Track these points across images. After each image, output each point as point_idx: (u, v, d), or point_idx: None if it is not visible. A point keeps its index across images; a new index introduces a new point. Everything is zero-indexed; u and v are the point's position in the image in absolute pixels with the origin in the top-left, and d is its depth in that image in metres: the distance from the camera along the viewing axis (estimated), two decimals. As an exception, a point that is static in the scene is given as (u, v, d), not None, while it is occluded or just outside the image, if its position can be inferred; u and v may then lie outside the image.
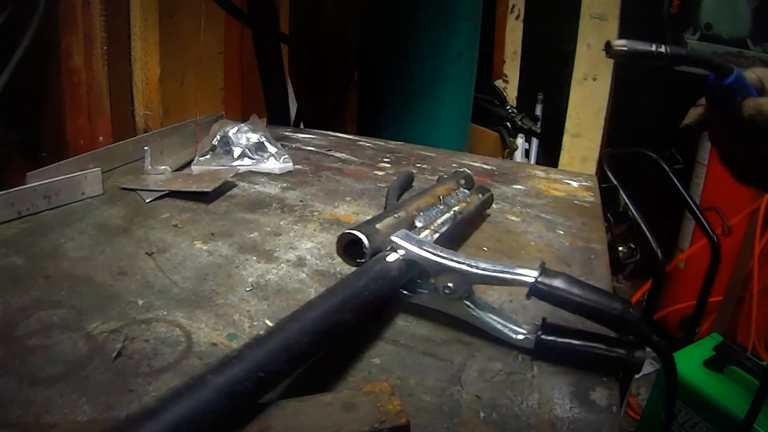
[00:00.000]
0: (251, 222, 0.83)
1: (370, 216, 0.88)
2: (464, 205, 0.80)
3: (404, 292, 0.60)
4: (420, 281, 0.60)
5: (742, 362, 1.26)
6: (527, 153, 2.72)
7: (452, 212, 0.76)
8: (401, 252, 0.58)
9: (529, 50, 2.76)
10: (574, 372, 0.53)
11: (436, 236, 0.68)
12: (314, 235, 0.80)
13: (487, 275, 0.55)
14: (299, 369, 0.45)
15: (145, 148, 0.97)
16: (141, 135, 1.16)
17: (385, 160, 1.18)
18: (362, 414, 0.41)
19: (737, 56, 2.16)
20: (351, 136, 1.36)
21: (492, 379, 0.52)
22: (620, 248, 1.07)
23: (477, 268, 0.55)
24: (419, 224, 0.70)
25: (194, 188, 0.91)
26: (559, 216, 0.92)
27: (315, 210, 0.89)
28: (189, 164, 1.04)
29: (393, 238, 0.59)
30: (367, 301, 0.52)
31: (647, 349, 0.51)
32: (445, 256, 0.57)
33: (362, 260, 0.59)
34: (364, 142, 1.31)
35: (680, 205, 1.33)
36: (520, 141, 2.62)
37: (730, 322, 1.96)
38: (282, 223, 0.84)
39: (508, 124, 2.52)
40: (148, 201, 0.88)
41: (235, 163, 1.05)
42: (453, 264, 0.56)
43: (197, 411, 0.36)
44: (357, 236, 0.59)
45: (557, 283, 0.51)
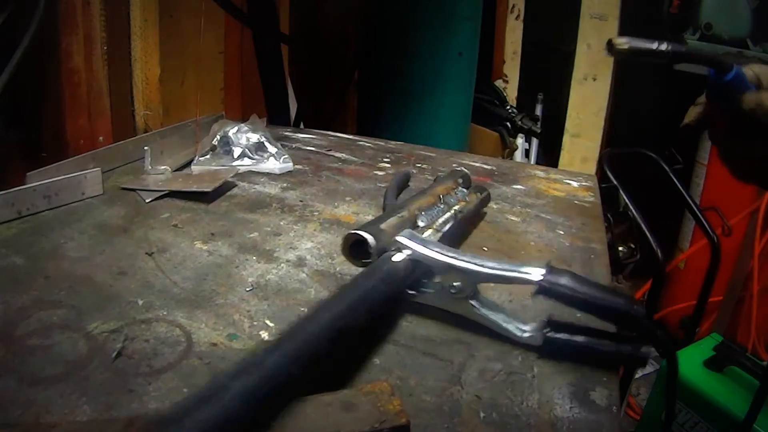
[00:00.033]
0: (251, 222, 0.83)
1: (371, 216, 0.88)
2: (464, 204, 0.80)
3: (409, 291, 0.60)
4: (425, 280, 0.60)
5: (742, 362, 1.26)
6: (527, 153, 2.72)
7: (453, 211, 0.76)
8: (407, 252, 0.58)
9: (529, 50, 2.75)
10: (574, 372, 0.53)
11: (439, 236, 0.68)
12: (314, 235, 0.80)
13: (493, 274, 0.55)
14: (318, 372, 0.44)
15: (145, 148, 0.97)
16: (141, 135, 1.16)
17: (385, 160, 1.18)
18: (362, 414, 0.41)
19: (737, 56, 2.15)
20: (351, 136, 1.36)
21: (492, 379, 0.52)
22: (620, 248, 1.07)
23: (484, 267, 0.55)
24: (421, 224, 0.70)
25: (194, 188, 0.91)
26: (559, 216, 0.92)
27: (315, 210, 0.89)
28: (189, 164, 1.04)
29: (399, 239, 0.58)
30: (378, 302, 0.52)
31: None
32: (452, 255, 0.57)
33: (368, 260, 0.59)
34: (364, 142, 1.31)
35: (680, 205, 1.33)
36: (520, 141, 2.62)
37: (730, 322, 1.96)
38: (282, 223, 0.84)
39: (508, 124, 2.52)
40: (148, 201, 0.88)
41: (235, 163, 1.05)
42: (460, 263, 0.56)
43: (220, 416, 0.34)
44: (363, 236, 0.59)
45: (564, 281, 0.52)
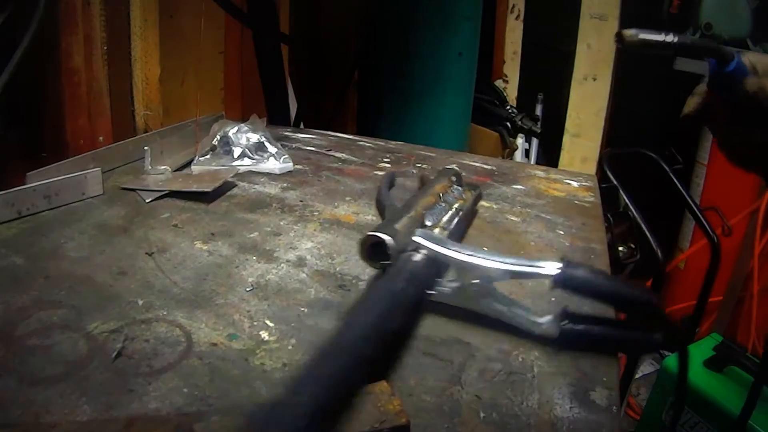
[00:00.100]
0: (251, 222, 0.83)
1: (371, 216, 0.88)
2: (462, 202, 0.80)
3: (427, 291, 0.60)
4: (438, 279, 0.60)
5: (742, 362, 1.26)
6: (527, 153, 2.72)
7: (454, 209, 0.77)
8: (423, 252, 0.58)
9: (529, 50, 2.75)
10: (574, 372, 0.53)
11: (446, 234, 0.69)
12: (314, 235, 0.80)
13: (511, 270, 0.55)
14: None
15: (145, 148, 0.96)
16: (141, 135, 1.16)
17: (385, 160, 1.18)
18: (362, 414, 0.41)
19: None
20: (351, 136, 1.36)
21: (492, 379, 0.52)
22: (620, 248, 1.07)
23: (501, 263, 0.55)
24: (429, 223, 0.70)
25: (194, 188, 0.91)
26: (559, 216, 0.92)
27: (315, 210, 0.89)
28: (189, 164, 1.04)
29: (416, 239, 0.59)
30: (409, 303, 0.52)
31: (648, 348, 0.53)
32: (469, 253, 0.57)
33: (386, 261, 0.59)
34: (364, 142, 1.31)
35: (680, 205, 1.33)
36: (520, 141, 2.62)
37: (730, 322, 1.96)
38: (282, 223, 0.84)
39: (508, 124, 2.52)
40: (148, 201, 0.88)
41: (235, 163, 1.05)
42: (478, 261, 0.56)
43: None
44: (382, 238, 0.59)
45: (580, 273, 0.53)
